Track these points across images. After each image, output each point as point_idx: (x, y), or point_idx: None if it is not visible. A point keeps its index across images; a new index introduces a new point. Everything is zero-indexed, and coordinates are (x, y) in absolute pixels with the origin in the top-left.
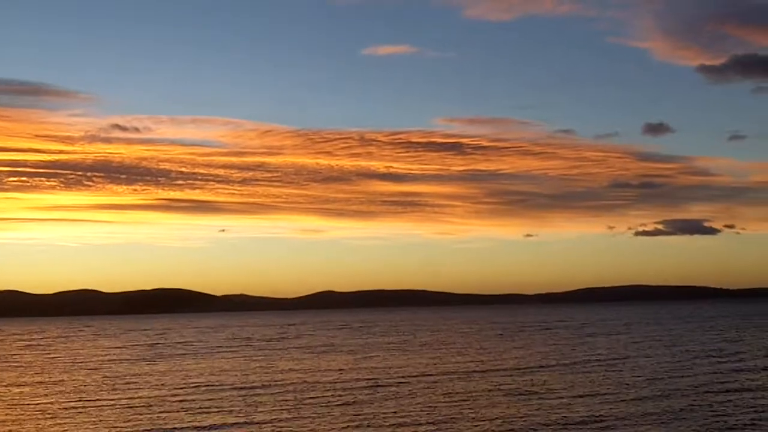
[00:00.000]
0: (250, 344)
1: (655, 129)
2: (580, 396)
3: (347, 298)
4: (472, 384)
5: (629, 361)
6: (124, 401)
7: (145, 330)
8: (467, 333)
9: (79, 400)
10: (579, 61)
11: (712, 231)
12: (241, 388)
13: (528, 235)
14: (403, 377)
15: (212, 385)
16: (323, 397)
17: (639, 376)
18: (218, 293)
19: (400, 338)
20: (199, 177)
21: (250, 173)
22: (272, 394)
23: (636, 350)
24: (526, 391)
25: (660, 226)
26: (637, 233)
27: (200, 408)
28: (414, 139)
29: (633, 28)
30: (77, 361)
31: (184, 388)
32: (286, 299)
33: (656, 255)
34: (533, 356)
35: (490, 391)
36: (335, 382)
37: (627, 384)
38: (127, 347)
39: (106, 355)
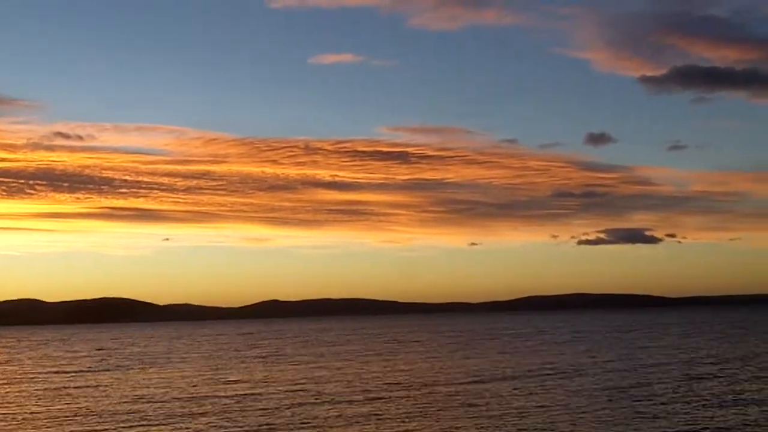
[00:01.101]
0: (202, 354)
1: (597, 139)
2: (540, 407)
3: (292, 307)
4: (429, 396)
5: (587, 371)
6: (62, 413)
7: (89, 339)
8: (420, 342)
9: (18, 413)
10: (522, 72)
11: (653, 240)
12: (190, 399)
13: (472, 244)
14: (357, 387)
15: (158, 397)
16: (273, 408)
17: (597, 386)
18: (162, 302)
19: (354, 347)
20: (143, 185)
21: (195, 181)
22: (223, 405)
23: (591, 359)
24: (480, 402)
25: (602, 235)
26: (580, 242)
27: (143, 420)
28: (359, 148)
29: (575, 39)
30: (18, 372)
31: (130, 399)
32: (231, 308)
33: (598, 264)
34: (487, 366)
35: (445, 402)
36: (287, 392)
37: (586, 394)
38: (69, 358)
39: (48, 366)
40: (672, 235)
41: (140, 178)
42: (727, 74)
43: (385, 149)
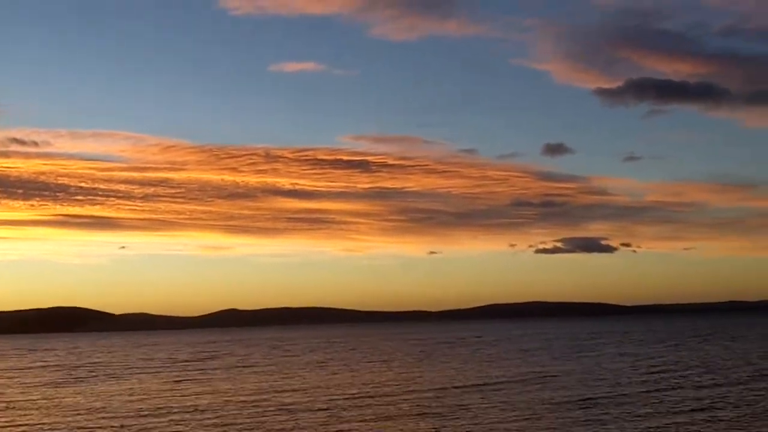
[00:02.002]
0: (165, 364)
1: (555, 149)
2: (508, 416)
3: (251, 315)
4: (395, 406)
5: (554, 380)
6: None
7: (46, 350)
8: (383, 350)
9: None
10: (482, 82)
11: (609, 249)
12: (153, 412)
13: (432, 253)
14: (321, 398)
15: (121, 411)
16: (242, 422)
17: (564, 395)
18: (118, 311)
19: (317, 356)
20: (99, 192)
21: (153, 189)
22: (187, 419)
23: (558, 367)
24: (447, 413)
25: (559, 244)
26: (538, 251)
27: None
28: (320, 156)
29: (534, 50)
30: None
31: (88, 413)
32: (189, 317)
33: (556, 272)
34: (450, 375)
35: (411, 412)
36: (249, 403)
37: (554, 403)
38: (24, 369)
39: (9, 379)
40: (627, 245)
41: (96, 185)
42: (680, 87)
43: (346, 158)
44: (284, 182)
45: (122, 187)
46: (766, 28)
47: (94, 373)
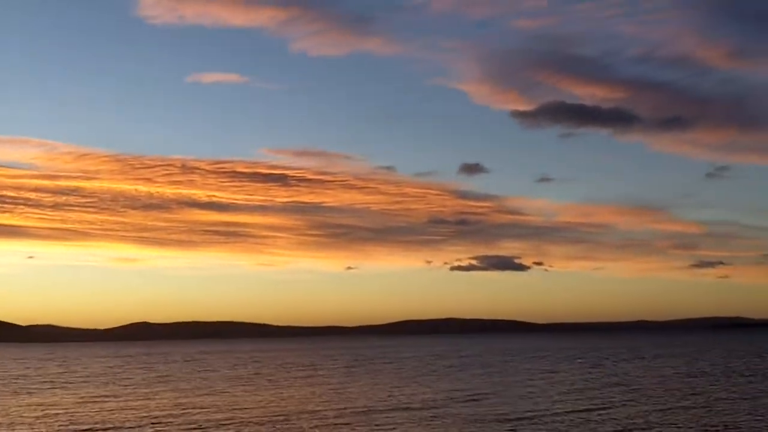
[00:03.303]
0: (80, 379)
1: (471, 169)
2: None
3: (163, 329)
4: (319, 428)
5: (491, 398)
6: None
7: None
8: (305, 367)
9: None
10: (402, 100)
11: (522, 267)
12: (66, 430)
13: (349, 268)
14: (238, 416)
15: (35, 428)
16: None
17: (497, 412)
18: (24, 323)
19: (239, 372)
20: (8, 200)
21: (64, 198)
22: None
23: (483, 384)
24: None
25: (474, 262)
26: (453, 268)
27: None
28: (239, 169)
29: (454, 71)
30: None
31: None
32: (99, 330)
33: (470, 289)
34: (374, 393)
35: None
36: (170, 421)
37: (487, 421)
38: None
39: None
40: (540, 263)
41: (4, 193)
42: (593, 112)
43: (264, 171)
44: (200, 194)
45: (32, 195)
46: (677, 56)
47: (5, 387)
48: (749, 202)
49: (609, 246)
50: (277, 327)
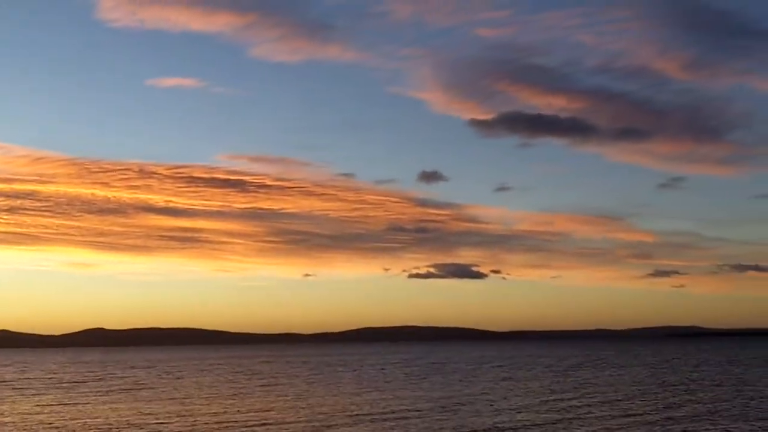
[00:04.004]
0: (42, 385)
1: (430, 177)
2: None
3: (118, 335)
4: None
5: (459, 408)
6: None
7: None
8: (264, 375)
9: None
10: (361, 108)
11: (479, 275)
12: None
13: (307, 275)
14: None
15: None
16: None
17: (474, 422)
18: None
19: (203, 379)
20: None
21: (19, 201)
22: None
23: (457, 395)
24: None
25: (432, 269)
26: (411, 275)
27: None
28: (196, 174)
29: (413, 79)
30: None
31: None
32: (53, 336)
33: (428, 297)
34: (341, 402)
35: None
36: (136, 429)
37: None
38: None
39: None
40: (497, 272)
41: None
42: (551, 122)
43: (222, 177)
44: (158, 199)
45: None
46: (635, 67)
47: None
48: (705, 213)
49: (566, 254)
50: (234, 334)
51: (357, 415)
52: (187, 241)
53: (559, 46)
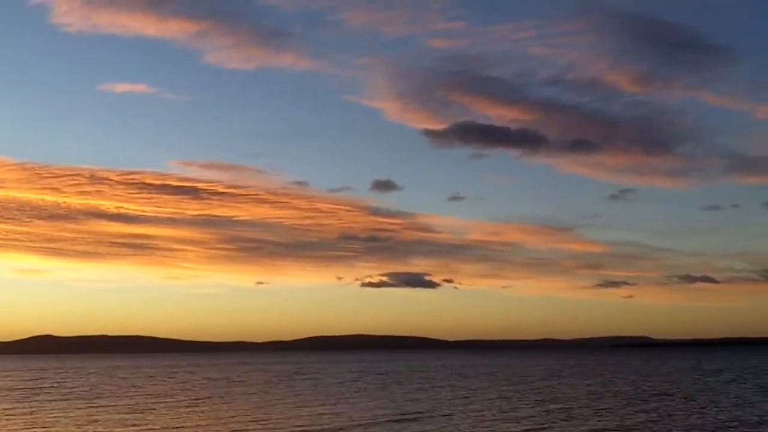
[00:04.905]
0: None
1: (384, 186)
2: None
3: (67, 343)
4: None
5: (423, 418)
6: None
7: None
8: (223, 383)
9: None
10: (316, 116)
11: (432, 284)
12: None
13: (259, 283)
14: None
15: None
16: None
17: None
18: None
19: (161, 388)
20: None
21: None
22: None
23: (420, 405)
24: None
25: (385, 278)
26: (364, 284)
27: None
28: (148, 181)
29: (368, 88)
30: None
31: None
32: (0, 343)
33: (380, 306)
34: (307, 413)
35: None
36: None
37: None
38: None
39: None
40: (449, 281)
41: None
42: (502, 132)
43: (175, 183)
44: (109, 205)
45: None
46: (585, 79)
47: None
48: (654, 224)
49: (517, 264)
50: (186, 341)
51: (320, 427)
52: (138, 247)
53: (511, 58)
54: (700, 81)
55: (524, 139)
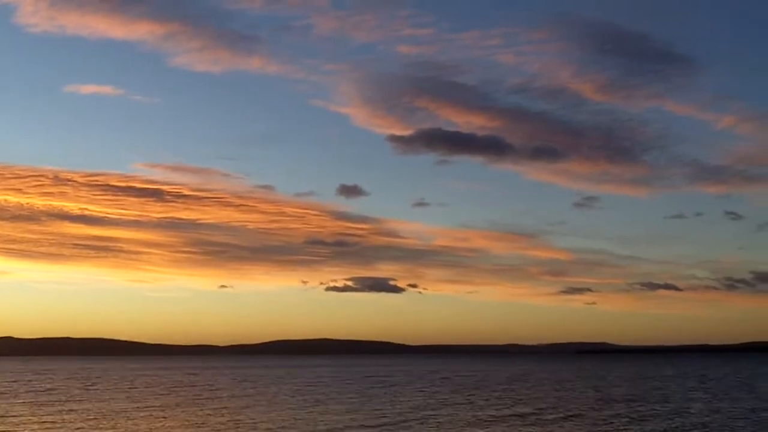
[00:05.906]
0: None
1: (350, 191)
2: None
3: (28, 345)
4: None
5: (403, 426)
6: None
7: None
8: (194, 387)
9: None
10: (283, 120)
11: (397, 289)
12: None
13: (223, 286)
14: None
15: None
16: None
17: None
18: None
19: (131, 393)
20: None
21: None
22: None
23: (398, 413)
24: None
25: (350, 283)
26: (328, 288)
27: None
28: (113, 183)
29: (335, 93)
30: None
31: None
32: None
33: (345, 310)
34: (277, 421)
35: None
36: None
37: None
38: None
39: None
40: (414, 286)
41: None
42: (468, 139)
43: (139, 185)
44: (72, 207)
45: None
46: (550, 87)
47: None
48: (616, 232)
49: (482, 270)
50: (149, 345)
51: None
52: (101, 250)
53: (479, 65)
54: (664, 90)
55: (490, 146)
